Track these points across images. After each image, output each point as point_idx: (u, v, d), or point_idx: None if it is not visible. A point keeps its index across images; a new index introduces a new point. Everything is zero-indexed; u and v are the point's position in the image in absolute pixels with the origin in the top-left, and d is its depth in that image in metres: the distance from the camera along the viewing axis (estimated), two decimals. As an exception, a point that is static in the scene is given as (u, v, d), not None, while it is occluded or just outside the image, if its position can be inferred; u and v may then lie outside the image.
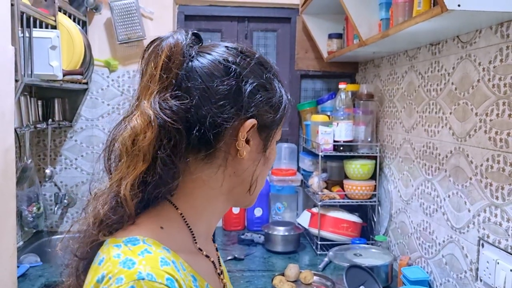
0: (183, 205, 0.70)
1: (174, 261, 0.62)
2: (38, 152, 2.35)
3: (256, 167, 0.73)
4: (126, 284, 0.55)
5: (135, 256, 0.59)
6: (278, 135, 0.76)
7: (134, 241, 0.62)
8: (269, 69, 0.74)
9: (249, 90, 0.69)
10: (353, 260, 1.79)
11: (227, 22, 2.55)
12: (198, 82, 0.67)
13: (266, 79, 0.72)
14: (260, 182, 0.75)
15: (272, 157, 0.76)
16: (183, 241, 0.69)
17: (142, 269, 0.57)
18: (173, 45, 0.68)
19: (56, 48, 1.72)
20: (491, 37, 1.31)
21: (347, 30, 2.14)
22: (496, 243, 1.28)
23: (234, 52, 0.71)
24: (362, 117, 2.14)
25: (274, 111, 0.72)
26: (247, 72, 0.70)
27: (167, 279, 0.57)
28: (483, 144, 1.33)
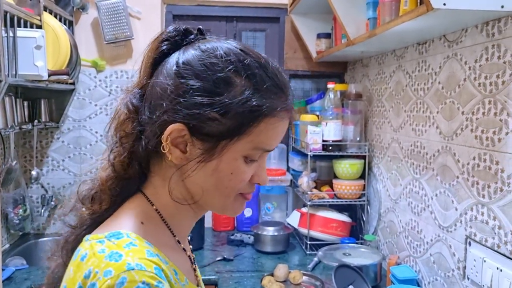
0: (157, 203, 0.70)
1: (158, 254, 0.63)
2: (24, 153, 2.32)
3: (198, 178, 0.68)
4: (116, 277, 0.55)
5: (120, 249, 0.59)
6: (242, 147, 0.66)
7: (117, 235, 0.62)
8: (229, 66, 0.65)
9: (182, 91, 0.65)
10: (342, 259, 1.79)
11: (215, 22, 2.54)
12: (153, 78, 0.69)
13: (217, 79, 0.64)
14: (212, 194, 0.69)
15: (225, 171, 0.67)
16: (162, 236, 0.70)
17: (130, 260, 0.57)
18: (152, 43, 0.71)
19: (41, 48, 1.70)
20: (477, 36, 1.31)
21: (335, 29, 2.14)
22: (483, 241, 1.28)
23: (194, 49, 0.68)
24: (350, 116, 2.14)
25: (223, 118, 0.64)
26: (189, 71, 0.65)
27: (155, 268, 0.58)
28: (470, 142, 1.34)
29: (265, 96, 0.66)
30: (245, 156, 0.67)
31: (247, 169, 0.69)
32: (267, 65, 0.68)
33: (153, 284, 0.56)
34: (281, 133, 0.70)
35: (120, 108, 0.70)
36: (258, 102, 0.65)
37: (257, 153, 0.69)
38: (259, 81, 0.66)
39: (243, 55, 0.66)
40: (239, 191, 0.71)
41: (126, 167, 0.69)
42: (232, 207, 0.72)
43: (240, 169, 0.68)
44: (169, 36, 0.70)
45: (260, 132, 0.66)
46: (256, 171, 0.71)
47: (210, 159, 0.66)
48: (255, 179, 0.71)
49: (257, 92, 0.65)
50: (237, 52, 0.67)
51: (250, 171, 0.69)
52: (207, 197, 0.70)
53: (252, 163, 0.69)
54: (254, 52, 0.68)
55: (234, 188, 0.69)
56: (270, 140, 0.68)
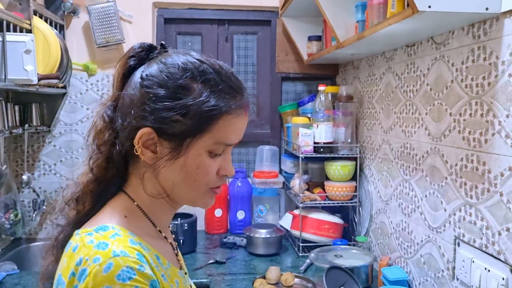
0: (137, 199, 0.79)
1: (140, 243, 0.72)
2: (16, 158, 2.31)
3: (169, 174, 0.76)
4: (104, 262, 0.64)
5: (107, 239, 0.68)
6: (205, 143, 0.75)
7: (104, 228, 0.71)
8: (186, 74, 0.74)
9: (147, 99, 0.74)
10: (333, 261, 1.79)
11: (207, 25, 2.54)
12: (124, 91, 0.78)
13: (177, 86, 0.74)
14: (181, 187, 0.77)
15: (191, 166, 0.76)
16: (145, 227, 0.78)
17: (116, 248, 0.66)
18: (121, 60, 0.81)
19: (31, 52, 1.70)
20: (463, 38, 1.32)
21: (325, 32, 2.16)
22: (471, 242, 1.29)
23: (156, 63, 0.77)
24: (342, 118, 2.14)
25: (185, 119, 0.73)
26: (152, 82, 0.74)
27: (137, 254, 0.67)
28: (457, 144, 1.35)
29: (220, 97, 0.75)
30: (209, 151, 0.76)
31: (212, 163, 0.77)
32: (221, 70, 0.77)
33: (135, 268, 0.65)
34: (239, 128, 0.79)
35: (97, 119, 0.80)
36: (214, 102, 0.74)
37: (220, 147, 0.77)
38: (213, 84, 0.75)
39: (198, 63, 0.76)
40: (208, 185, 0.79)
41: (105, 171, 0.78)
42: (202, 200, 0.81)
43: (205, 163, 0.76)
44: (135, 53, 0.80)
45: (219, 129, 0.75)
46: (222, 164, 0.79)
47: (178, 156, 0.75)
48: (221, 171, 0.80)
49: (212, 94, 0.75)
50: (193, 61, 0.76)
51: (215, 164, 0.78)
52: (178, 191, 0.78)
53: (217, 157, 0.78)
54: (210, 60, 0.78)
55: (202, 181, 0.78)
56: (230, 135, 0.77)
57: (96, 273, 0.63)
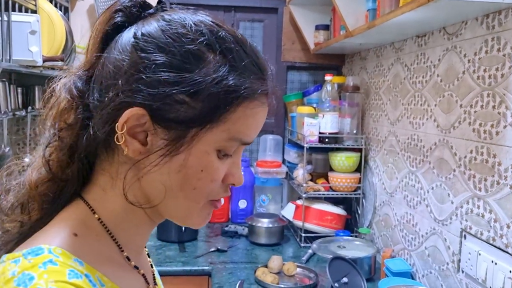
0: (101, 210, 0.58)
1: (89, 275, 0.51)
2: (18, 140, 2.29)
3: (160, 175, 0.55)
4: None
5: (34, 269, 0.48)
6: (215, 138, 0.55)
7: (36, 251, 0.50)
8: (200, 38, 0.54)
9: (141, 67, 0.53)
10: (336, 252, 1.79)
11: (213, 11, 2.50)
12: (104, 55, 0.57)
13: (186, 53, 0.53)
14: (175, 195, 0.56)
15: (194, 168, 0.55)
16: (103, 251, 0.57)
17: (43, 284, 0.46)
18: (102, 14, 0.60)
19: (36, 33, 1.67)
20: (477, 28, 1.30)
21: (334, 21, 2.13)
22: (478, 234, 1.28)
23: (156, 20, 0.57)
24: (347, 109, 2.13)
25: (193, 101, 0.53)
26: (151, 44, 0.54)
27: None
28: (467, 135, 1.33)
29: (244, 76, 0.55)
30: (218, 149, 0.56)
31: (220, 166, 0.57)
32: (245, 41, 0.57)
33: None
34: (261, 121, 0.59)
35: (61, 93, 0.57)
36: (236, 82, 0.54)
37: (233, 145, 0.57)
38: (236, 58, 0.55)
39: (216, 27, 0.56)
40: (209, 196, 0.58)
41: (65, 166, 0.57)
42: (198, 216, 0.59)
43: (213, 166, 0.56)
44: (124, 6, 0.58)
45: (237, 119, 0.55)
46: (230, 169, 0.59)
47: (177, 152, 0.54)
48: (229, 179, 0.59)
49: (234, 70, 0.54)
50: (209, 23, 0.56)
51: (223, 168, 0.58)
52: (169, 201, 0.57)
53: (226, 159, 0.58)
54: (229, 27, 0.58)
55: (203, 190, 0.57)
56: (249, 129, 0.57)
57: None
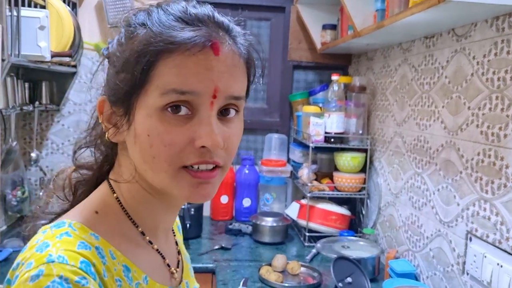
0: (119, 189, 0.64)
1: (100, 248, 0.57)
2: (24, 135, 2.30)
3: (130, 151, 0.62)
4: (35, 268, 0.51)
5: (51, 239, 0.55)
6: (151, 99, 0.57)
7: (59, 224, 0.58)
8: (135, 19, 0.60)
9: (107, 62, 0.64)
10: (340, 252, 1.79)
11: (219, 9, 2.46)
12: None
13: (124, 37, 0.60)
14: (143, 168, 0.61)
15: (142, 135, 0.58)
16: (120, 227, 0.63)
17: (54, 251, 0.52)
18: None
19: (45, 29, 1.68)
20: (486, 30, 1.30)
21: (342, 21, 2.13)
22: (484, 237, 1.28)
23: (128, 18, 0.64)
24: (353, 109, 2.12)
25: (124, 73, 0.58)
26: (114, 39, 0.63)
27: (81, 262, 0.53)
28: (475, 138, 1.33)
29: (157, 34, 0.56)
30: (161, 109, 0.57)
31: (172, 128, 0.57)
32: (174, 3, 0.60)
33: (72, 280, 0.50)
34: (197, 69, 0.56)
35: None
36: (146, 43, 0.56)
37: (172, 98, 0.56)
38: (154, 22, 0.58)
39: (154, 6, 0.61)
40: (176, 162, 0.58)
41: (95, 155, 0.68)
42: (177, 185, 0.59)
43: (158, 128, 0.57)
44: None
45: (162, 74, 0.56)
46: (196, 130, 0.57)
47: (129, 124, 0.59)
48: (197, 141, 0.57)
49: (149, 33, 0.57)
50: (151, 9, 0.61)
51: (181, 131, 0.57)
52: (142, 172, 0.61)
53: (185, 121, 0.57)
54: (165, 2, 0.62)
55: (161, 156, 0.57)
56: (181, 78, 0.56)
57: (22, 281, 0.50)
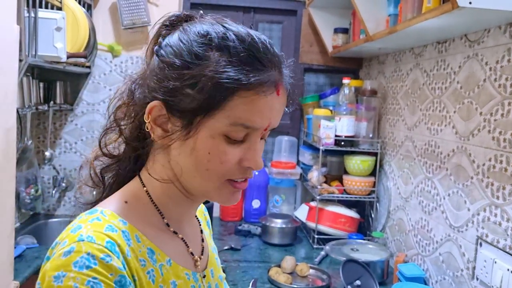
0: (149, 184, 0.71)
1: (126, 231, 0.63)
2: (38, 134, 2.34)
3: (179, 157, 0.67)
4: (68, 246, 0.58)
5: (84, 222, 0.62)
6: (217, 124, 0.63)
7: (92, 211, 0.65)
8: (205, 41, 0.64)
9: (160, 68, 0.66)
10: (349, 254, 1.80)
11: (232, 12, 2.53)
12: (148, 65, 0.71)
13: (192, 54, 0.63)
14: (192, 175, 0.67)
15: (202, 151, 0.65)
16: (147, 216, 0.69)
17: (84, 232, 0.59)
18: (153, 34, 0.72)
19: (61, 30, 1.71)
20: (500, 36, 1.30)
21: (354, 25, 2.14)
22: (494, 242, 1.28)
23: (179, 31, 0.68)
24: (364, 113, 2.13)
25: (196, 93, 0.62)
26: (169, 50, 0.66)
27: (107, 242, 0.59)
28: (486, 143, 1.33)
29: (239, 69, 0.62)
30: (225, 134, 0.64)
31: (229, 149, 0.65)
32: (247, 37, 0.64)
33: (98, 256, 0.57)
34: (264, 108, 0.64)
35: (121, 93, 0.73)
36: (229, 75, 0.62)
37: (238, 130, 0.64)
38: (232, 53, 0.63)
39: (223, 30, 0.65)
40: (224, 176, 0.67)
41: (126, 152, 0.73)
42: (219, 194, 0.69)
43: (219, 149, 0.64)
44: (169, 21, 0.71)
45: (235, 107, 0.62)
46: (245, 154, 0.66)
47: (188, 137, 0.65)
48: (244, 162, 0.67)
49: (230, 64, 0.62)
50: (217, 28, 0.65)
51: (235, 152, 0.65)
52: (188, 178, 0.68)
53: (238, 144, 0.66)
54: (239, 27, 0.66)
55: (215, 170, 0.66)
56: (250, 115, 0.63)
57: (56, 257, 0.58)
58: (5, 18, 1.36)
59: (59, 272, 0.56)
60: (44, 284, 0.57)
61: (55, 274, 0.56)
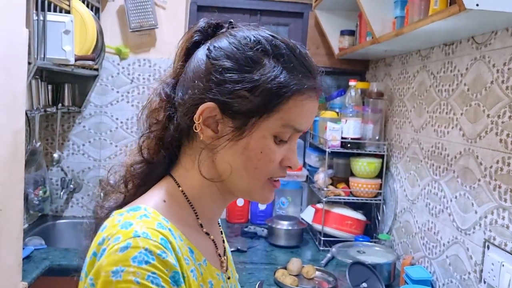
0: (184, 183, 0.73)
1: (172, 230, 0.65)
2: (46, 136, 2.36)
3: (228, 156, 0.69)
4: (123, 241, 0.59)
5: (133, 219, 0.63)
6: (271, 125, 0.68)
7: (135, 209, 0.66)
8: (259, 47, 0.68)
9: (213, 71, 0.68)
10: (356, 257, 1.79)
11: (239, 14, 2.54)
12: (186, 65, 0.73)
13: (246, 59, 0.67)
14: (240, 173, 0.70)
15: (255, 150, 0.68)
16: (184, 216, 0.71)
17: (138, 228, 0.61)
18: (186, 34, 0.75)
19: (70, 33, 1.73)
20: (507, 38, 1.30)
21: (360, 27, 2.14)
22: (502, 245, 1.27)
23: (226, 37, 0.71)
24: (371, 115, 2.13)
25: (252, 95, 0.66)
26: (221, 53, 0.68)
27: (161, 239, 0.61)
28: (494, 146, 1.33)
29: (292, 75, 0.67)
30: (274, 135, 0.69)
31: (277, 149, 0.69)
32: (295, 47, 0.70)
33: (155, 252, 0.59)
34: (310, 112, 0.71)
35: (153, 96, 0.74)
36: (286, 79, 0.67)
37: (287, 132, 0.69)
38: (286, 60, 0.68)
39: (271, 38, 0.69)
40: (268, 175, 0.71)
41: (154, 152, 0.73)
42: (261, 192, 0.72)
43: (270, 149, 0.69)
44: (201, 28, 0.74)
45: (288, 109, 0.67)
46: (286, 154, 0.71)
47: (241, 137, 0.68)
48: (285, 162, 0.71)
49: (285, 70, 0.67)
50: (266, 35, 0.69)
51: (280, 152, 0.70)
52: (235, 178, 0.70)
53: (282, 145, 0.70)
54: (283, 37, 0.71)
55: (263, 169, 0.69)
56: (299, 118, 0.69)
57: (112, 252, 0.58)
58: (14, 21, 1.38)
59: (117, 267, 0.57)
60: (100, 280, 0.57)
61: (113, 269, 0.57)
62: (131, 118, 2.41)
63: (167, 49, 2.41)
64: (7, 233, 1.38)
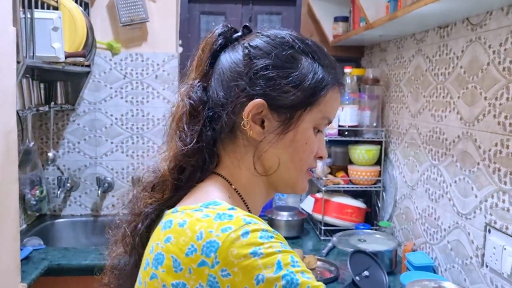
0: (234, 181, 0.75)
1: None
2: (41, 135, 2.33)
3: (276, 150, 0.73)
4: (240, 229, 0.59)
5: (226, 210, 0.63)
6: (313, 117, 0.73)
7: (215, 203, 0.66)
8: (295, 45, 0.73)
9: (256, 69, 0.71)
10: (357, 245, 1.78)
11: (231, 4, 2.51)
12: (218, 67, 0.75)
13: (287, 56, 0.72)
14: (287, 166, 0.74)
15: (301, 141, 0.73)
16: None
17: (243, 216, 0.62)
18: (207, 38, 0.77)
19: (58, 30, 1.70)
20: (502, 19, 1.28)
21: (354, 13, 2.11)
22: (503, 228, 1.26)
23: (258, 37, 0.75)
24: (367, 101, 2.11)
25: (297, 90, 0.71)
26: (260, 52, 0.72)
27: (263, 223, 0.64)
28: (492, 128, 1.31)
29: (327, 70, 0.74)
30: (314, 127, 0.74)
31: (315, 140, 0.75)
32: (319, 45, 0.77)
33: (271, 230, 0.62)
34: (338, 104, 0.78)
35: (183, 100, 0.74)
36: (323, 75, 0.73)
37: (324, 122, 0.75)
38: (320, 58, 0.75)
39: (301, 38, 0.75)
40: (309, 165, 0.76)
41: (191, 156, 0.72)
42: (303, 182, 0.77)
43: (312, 139, 0.74)
44: (223, 31, 0.77)
45: (327, 102, 0.74)
46: (320, 144, 0.76)
47: (288, 130, 0.72)
48: (319, 152, 0.76)
49: (321, 66, 0.74)
50: (296, 36, 0.75)
51: (316, 143, 0.75)
52: (283, 170, 0.74)
53: (318, 135, 0.75)
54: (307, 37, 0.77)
55: (307, 160, 0.74)
56: (333, 109, 0.76)
57: (233, 240, 0.58)
58: (0, 21, 1.35)
59: (252, 249, 0.58)
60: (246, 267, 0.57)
61: (250, 251, 0.58)
62: (126, 114, 2.39)
63: (159, 42, 2.38)
64: (4, 235, 1.37)
